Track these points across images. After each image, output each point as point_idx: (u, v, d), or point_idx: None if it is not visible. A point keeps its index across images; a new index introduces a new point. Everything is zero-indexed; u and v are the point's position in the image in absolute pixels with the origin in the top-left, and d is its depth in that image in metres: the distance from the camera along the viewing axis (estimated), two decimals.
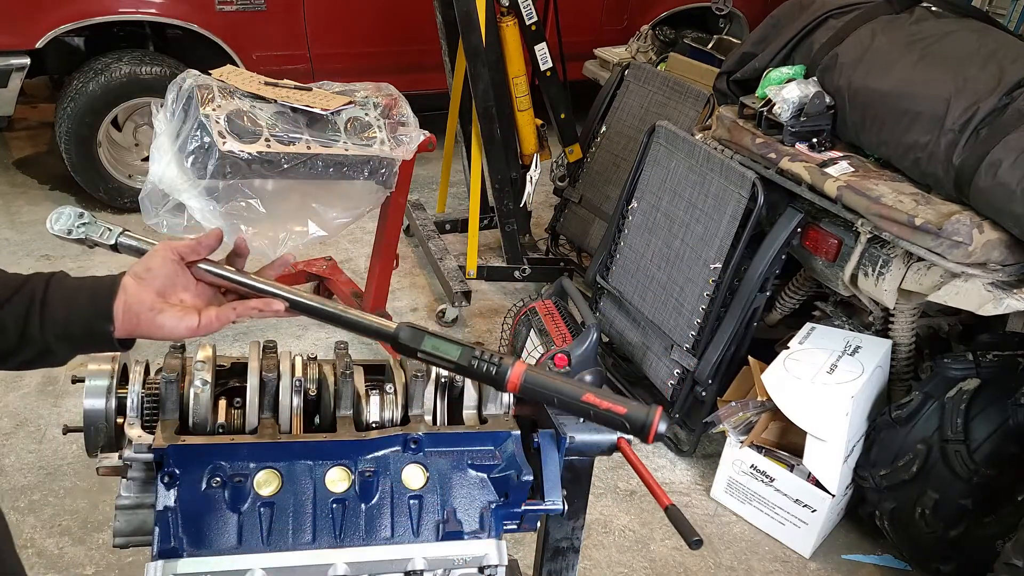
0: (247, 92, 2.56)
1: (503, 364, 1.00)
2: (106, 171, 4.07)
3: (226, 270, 1.08)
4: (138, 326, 1.00)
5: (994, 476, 2.29)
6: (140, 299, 0.99)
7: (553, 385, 1.00)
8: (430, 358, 1.02)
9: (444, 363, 1.02)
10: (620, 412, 0.97)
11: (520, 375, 0.99)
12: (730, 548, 2.61)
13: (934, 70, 2.38)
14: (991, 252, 2.18)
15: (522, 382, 0.99)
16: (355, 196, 2.76)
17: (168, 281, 1.03)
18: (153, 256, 1.04)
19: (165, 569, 0.98)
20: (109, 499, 2.49)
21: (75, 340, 1.00)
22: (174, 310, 1.02)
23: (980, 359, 2.37)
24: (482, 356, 1.01)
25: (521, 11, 3.42)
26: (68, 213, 1.07)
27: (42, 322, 0.97)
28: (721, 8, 4.69)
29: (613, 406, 0.98)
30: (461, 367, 1.01)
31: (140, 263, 1.03)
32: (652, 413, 0.97)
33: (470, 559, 1.08)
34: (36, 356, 1.00)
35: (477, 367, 1.00)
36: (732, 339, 2.68)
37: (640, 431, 0.97)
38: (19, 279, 1.00)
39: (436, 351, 1.01)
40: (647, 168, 3.02)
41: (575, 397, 0.99)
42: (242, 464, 1.04)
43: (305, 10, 4.30)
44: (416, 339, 1.02)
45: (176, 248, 1.05)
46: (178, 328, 1.01)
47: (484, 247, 4.01)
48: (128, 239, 1.08)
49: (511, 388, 1.00)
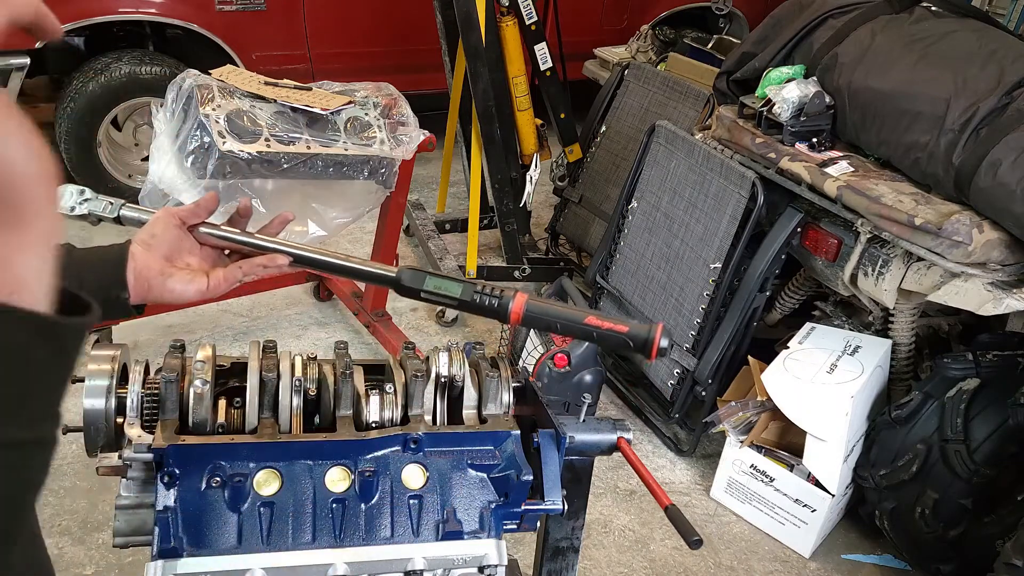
0: (247, 92, 2.56)
1: (504, 296, 1.01)
2: (106, 171, 4.06)
3: (228, 231, 1.10)
4: (149, 291, 1.01)
5: (994, 476, 2.29)
6: (148, 265, 1.01)
7: (555, 312, 1.01)
8: (433, 297, 1.02)
9: (447, 300, 1.02)
10: (622, 331, 0.99)
11: (522, 305, 1.00)
12: (730, 548, 2.61)
13: (934, 70, 2.38)
14: (991, 252, 2.18)
15: (524, 311, 1.00)
16: (355, 196, 2.76)
17: (173, 246, 1.04)
18: (156, 223, 1.05)
19: (165, 569, 0.98)
20: (109, 499, 2.48)
21: None
22: (182, 273, 1.03)
23: (980, 359, 2.37)
24: (483, 291, 1.02)
25: (521, 11, 3.42)
26: (70, 191, 1.10)
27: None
28: (721, 8, 4.69)
29: (615, 326, 0.99)
30: (464, 302, 1.02)
31: (144, 230, 1.05)
32: (654, 330, 0.99)
33: (470, 559, 1.08)
34: None
35: (479, 301, 1.01)
36: (732, 339, 2.68)
37: (643, 347, 0.99)
38: None
39: (439, 290, 1.02)
40: (647, 168, 3.02)
41: (578, 320, 1.00)
42: (242, 464, 1.04)
43: (305, 10, 4.30)
44: (418, 280, 1.03)
45: (177, 213, 1.06)
46: (188, 291, 1.03)
47: (484, 247, 4.01)
48: (130, 211, 1.10)
49: (514, 318, 1.01)
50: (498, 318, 1.02)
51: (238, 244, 1.10)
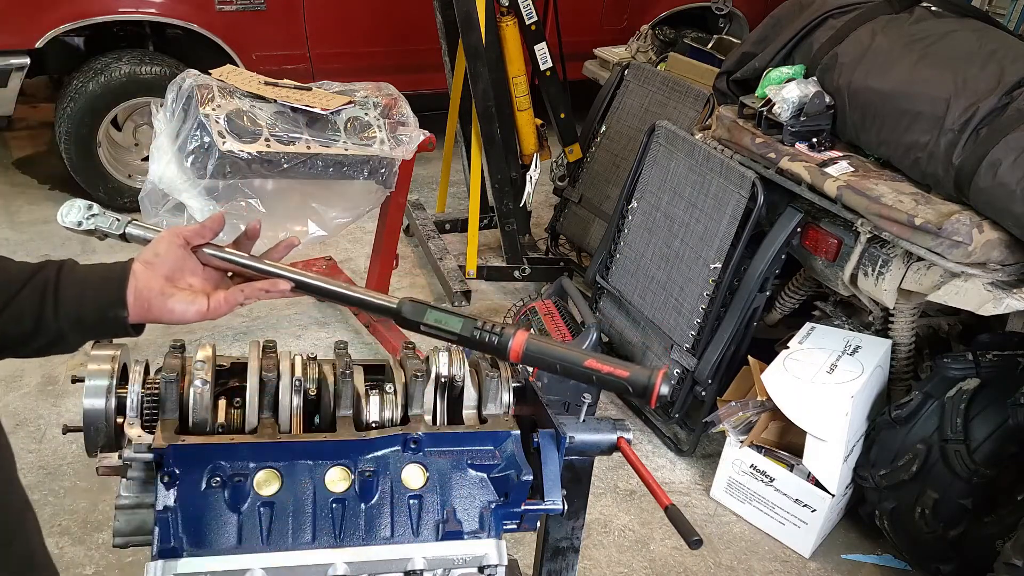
0: (247, 92, 2.56)
1: (505, 334, 1.00)
2: (106, 171, 4.07)
3: (232, 253, 1.09)
4: (149, 311, 1.01)
5: (994, 476, 2.29)
6: (149, 285, 1.00)
7: (555, 352, 1.00)
8: (433, 331, 1.02)
9: (446, 335, 1.02)
10: (622, 375, 0.98)
11: (522, 344, 1.00)
12: (730, 548, 2.61)
13: (934, 70, 2.38)
14: (991, 252, 2.18)
15: (524, 351, 1.00)
16: (355, 196, 2.76)
17: (176, 266, 1.04)
18: (160, 242, 1.05)
19: (165, 569, 0.98)
20: (109, 499, 2.49)
21: (88, 326, 1.00)
22: (183, 294, 1.03)
23: (980, 359, 2.37)
24: (484, 327, 1.01)
25: (521, 11, 3.42)
26: (79, 206, 1.09)
27: (56, 309, 0.98)
28: (721, 8, 4.69)
29: (615, 370, 0.98)
30: (463, 338, 1.02)
31: (148, 249, 1.04)
32: (654, 376, 0.98)
33: (470, 559, 1.08)
34: (49, 343, 1.01)
35: (479, 337, 1.01)
36: (732, 339, 2.68)
37: (642, 393, 0.98)
38: (31, 267, 1.00)
39: (438, 324, 1.02)
40: (647, 168, 3.02)
41: (577, 363, 0.99)
42: (242, 464, 1.04)
43: (305, 10, 4.30)
44: (418, 313, 1.03)
45: (181, 233, 1.06)
46: (188, 312, 1.02)
47: (484, 247, 4.01)
48: (135, 228, 1.10)
49: (513, 357, 1.00)
50: (497, 355, 1.02)
51: (241, 267, 1.09)
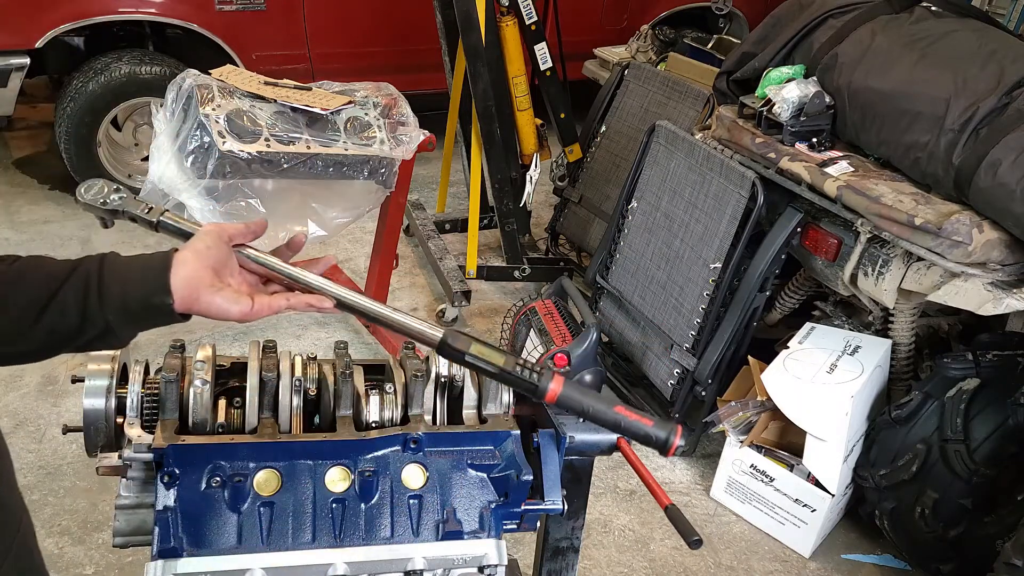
0: (247, 92, 2.56)
1: (544, 375, 1.05)
2: (106, 171, 4.06)
3: (272, 260, 1.08)
4: (196, 301, 0.99)
5: (994, 476, 2.29)
6: (200, 275, 0.99)
7: (587, 402, 1.07)
8: (475, 362, 1.05)
9: (488, 368, 1.05)
10: (647, 424, 1.07)
11: (559, 389, 1.05)
12: (730, 548, 2.61)
13: (934, 70, 2.38)
14: (991, 252, 2.18)
15: (560, 395, 1.05)
16: (355, 196, 2.76)
17: (221, 262, 1.03)
18: (207, 235, 1.03)
19: (165, 569, 0.99)
20: (109, 499, 2.49)
21: (134, 315, 0.99)
22: (229, 291, 1.01)
23: (980, 359, 2.37)
24: (525, 365, 1.05)
25: (521, 11, 3.42)
26: (101, 184, 1.08)
27: (101, 300, 0.96)
28: (721, 8, 4.69)
29: (641, 419, 1.07)
30: (504, 373, 1.05)
31: (197, 240, 1.03)
32: (674, 432, 1.06)
33: (470, 559, 1.08)
34: (98, 335, 0.99)
35: (520, 374, 1.05)
36: (732, 339, 2.68)
37: (662, 446, 1.06)
38: (71, 262, 1.00)
39: (482, 356, 1.04)
40: (647, 168, 3.02)
41: (607, 411, 1.07)
42: (242, 464, 1.04)
43: (305, 10, 4.30)
44: (463, 344, 1.05)
45: (227, 229, 1.05)
46: (232, 310, 1.00)
47: (484, 247, 4.01)
48: (170, 220, 1.08)
49: (549, 399, 1.05)
50: (531, 395, 1.06)
51: (280, 275, 1.07)
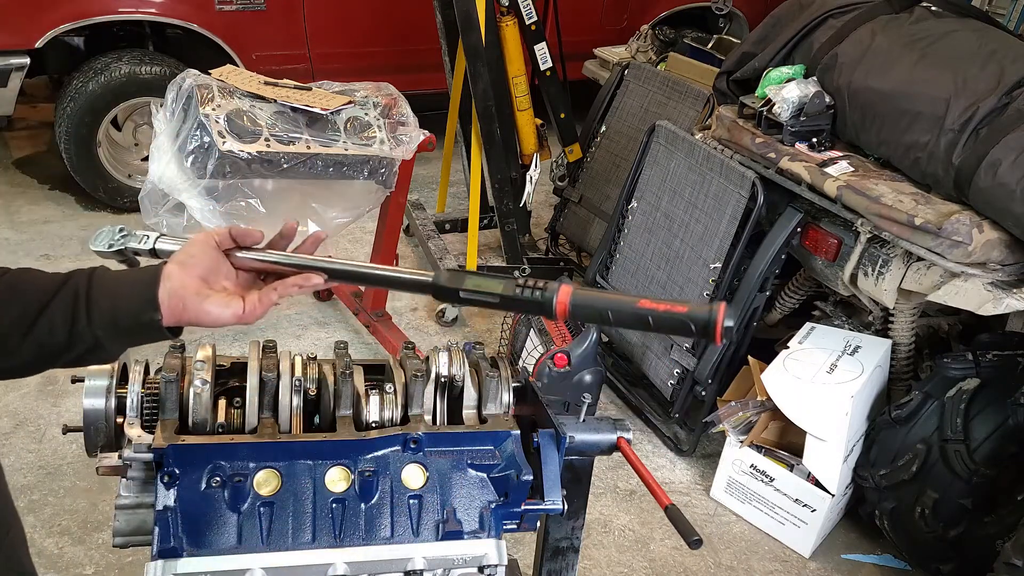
0: (247, 92, 2.56)
1: (549, 288, 0.95)
2: (106, 171, 4.06)
3: (263, 253, 1.08)
4: (184, 312, 0.99)
5: (994, 476, 2.29)
6: (185, 285, 0.99)
7: (604, 301, 0.95)
8: (472, 297, 0.97)
9: (488, 299, 0.98)
10: (681, 311, 0.90)
11: (568, 296, 0.94)
12: (730, 548, 2.61)
13: (934, 70, 2.38)
14: (991, 252, 2.18)
15: (571, 304, 0.94)
16: (355, 196, 2.76)
17: (210, 268, 1.03)
18: (193, 244, 1.04)
19: (165, 569, 0.99)
20: (109, 499, 2.49)
21: (123, 331, 0.99)
22: (219, 296, 1.01)
23: (980, 359, 2.37)
24: (526, 284, 0.96)
25: (521, 11, 3.42)
26: (108, 230, 1.09)
27: (89, 316, 0.97)
28: (721, 8, 4.69)
29: (673, 307, 0.91)
30: (506, 299, 0.97)
31: (182, 251, 1.03)
32: (715, 310, 0.90)
33: (470, 559, 1.08)
34: (86, 351, 0.99)
35: (522, 295, 0.95)
36: (732, 339, 2.68)
37: (704, 329, 0.89)
38: (60, 277, 0.99)
39: (479, 288, 0.98)
40: (647, 168, 3.02)
41: (630, 306, 0.92)
42: (242, 464, 1.04)
43: (305, 10, 4.30)
44: (456, 280, 0.99)
45: (214, 235, 1.05)
46: (224, 314, 1.00)
47: (484, 247, 4.01)
48: (165, 243, 1.09)
49: (560, 312, 0.94)
50: (544, 314, 0.95)
51: (275, 265, 1.07)
